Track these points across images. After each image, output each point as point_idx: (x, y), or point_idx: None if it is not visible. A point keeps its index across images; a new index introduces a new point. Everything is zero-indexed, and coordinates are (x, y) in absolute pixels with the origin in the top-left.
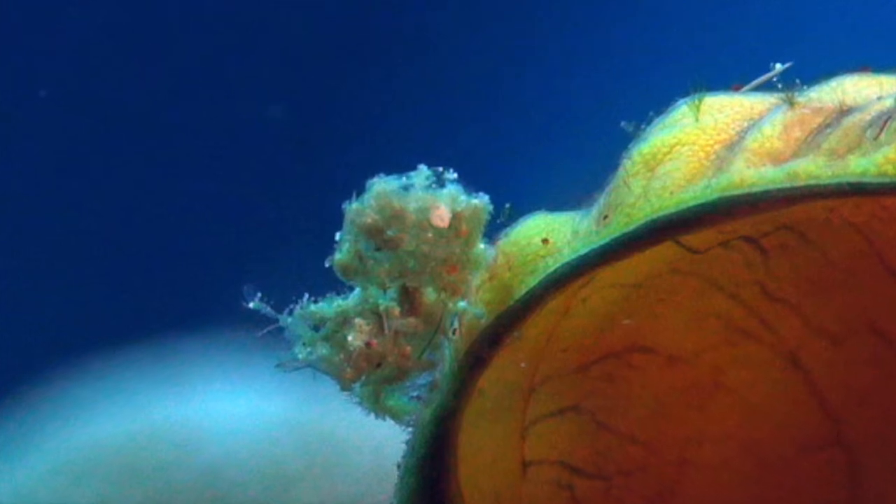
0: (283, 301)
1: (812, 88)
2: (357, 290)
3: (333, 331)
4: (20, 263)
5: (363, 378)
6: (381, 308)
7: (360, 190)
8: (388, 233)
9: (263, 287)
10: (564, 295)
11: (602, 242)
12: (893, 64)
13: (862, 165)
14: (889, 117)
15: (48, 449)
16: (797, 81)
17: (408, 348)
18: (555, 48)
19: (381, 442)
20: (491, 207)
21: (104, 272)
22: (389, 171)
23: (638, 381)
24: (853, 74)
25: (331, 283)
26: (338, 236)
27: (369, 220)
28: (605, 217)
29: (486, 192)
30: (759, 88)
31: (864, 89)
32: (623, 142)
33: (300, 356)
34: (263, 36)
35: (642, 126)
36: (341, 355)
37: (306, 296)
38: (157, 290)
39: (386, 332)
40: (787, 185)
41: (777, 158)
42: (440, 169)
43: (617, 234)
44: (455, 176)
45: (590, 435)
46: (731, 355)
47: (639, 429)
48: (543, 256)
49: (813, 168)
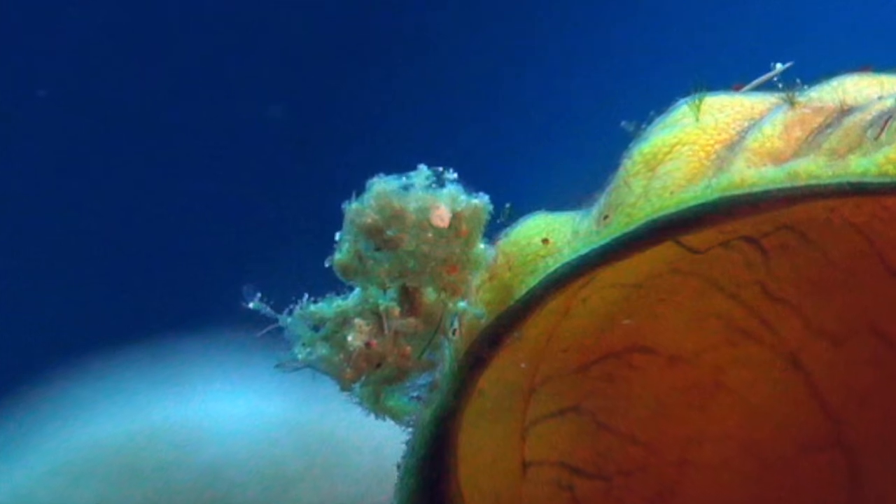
0: (283, 301)
1: (813, 88)
2: (357, 291)
3: (333, 331)
4: (20, 263)
5: (363, 378)
6: (381, 308)
7: (360, 190)
8: (388, 233)
9: (263, 287)
10: (565, 295)
11: (602, 242)
12: (894, 64)
13: (863, 165)
14: (890, 117)
15: (47, 449)
16: (798, 81)
17: (408, 348)
18: (555, 48)
19: (381, 442)
20: (491, 207)
21: (104, 272)
22: (389, 171)
23: (638, 382)
24: (854, 74)
25: (331, 284)
26: (337, 236)
27: (369, 220)
28: (606, 217)
29: (486, 192)
30: (759, 88)
31: (864, 89)
32: (623, 141)
33: (300, 356)
34: (263, 36)
35: (643, 126)
36: (341, 355)
37: (306, 296)
38: (157, 290)
39: (386, 332)
40: (787, 184)
41: (778, 158)
42: (440, 169)
43: (617, 233)
44: (455, 176)
45: (590, 435)
46: (731, 355)
47: (639, 429)
48: (544, 256)
49: (814, 168)
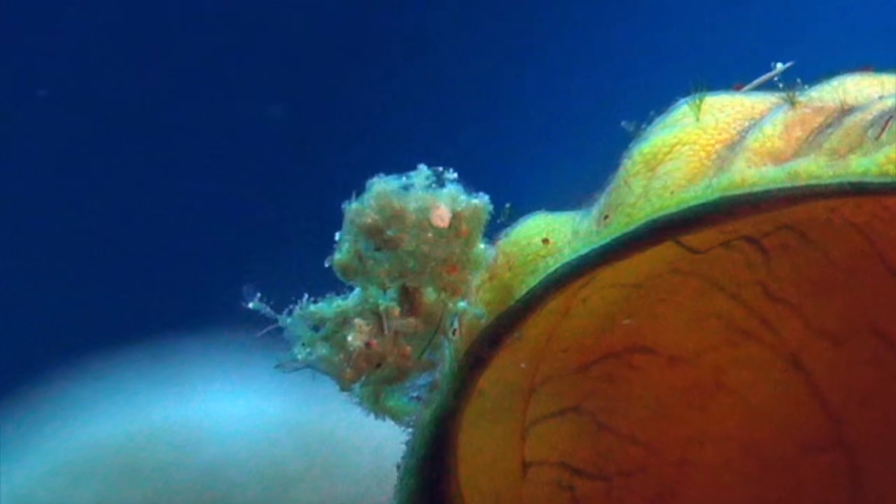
0: (283, 301)
1: (813, 88)
2: (357, 291)
3: (333, 331)
4: (19, 263)
5: (363, 378)
6: (381, 308)
7: (360, 190)
8: (388, 233)
9: (263, 287)
10: (565, 295)
11: (602, 242)
12: (895, 63)
13: (863, 165)
14: (890, 117)
15: (47, 449)
16: (798, 81)
17: (408, 348)
18: (555, 48)
19: (381, 442)
20: (491, 207)
21: (103, 272)
22: (389, 171)
23: (639, 382)
24: (855, 74)
25: (330, 284)
26: (337, 236)
27: (369, 220)
28: (606, 217)
29: (486, 192)
30: (760, 88)
31: (865, 89)
32: (623, 141)
33: (300, 356)
34: (263, 36)
35: (643, 126)
36: (341, 356)
37: (306, 296)
38: (157, 290)
39: (386, 332)
40: (788, 184)
41: (778, 158)
42: (440, 169)
43: (617, 233)
44: (455, 176)
45: (590, 435)
46: (732, 356)
47: (639, 429)
48: (544, 256)
49: (814, 168)
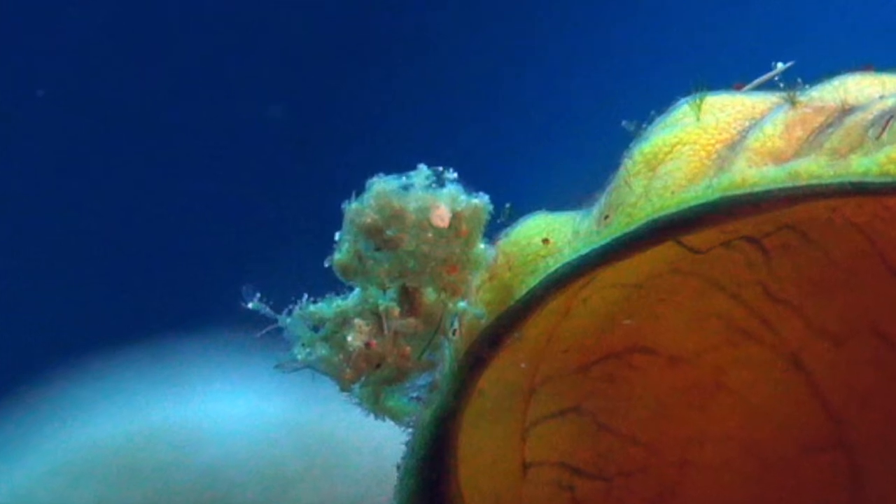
0: (283, 301)
1: (814, 87)
2: (356, 291)
3: (333, 331)
4: (19, 263)
5: (363, 379)
6: (381, 308)
7: (360, 190)
8: (388, 233)
9: (262, 287)
10: (565, 295)
11: (603, 242)
12: None
13: (864, 165)
14: (891, 116)
15: (46, 450)
16: (799, 80)
17: (407, 349)
18: (555, 48)
19: (381, 443)
20: (491, 207)
21: (103, 272)
22: (389, 171)
23: (639, 382)
24: (855, 73)
25: (330, 284)
26: (337, 236)
27: (369, 220)
28: (606, 217)
29: (486, 192)
30: (760, 87)
31: (866, 88)
32: (623, 141)
33: (299, 357)
34: (263, 36)
35: (643, 125)
36: (341, 356)
37: (305, 296)
38: (157, 291)
39: (385, 332)
40: (788, 184)
41: (779, 158)
42: (440, 169)
43: (618, 233)
44: (455, 176)
45: (590, 436)
46: (732, 356)
47: (640, 430)
48: (544, 256)
49: (815, 167)
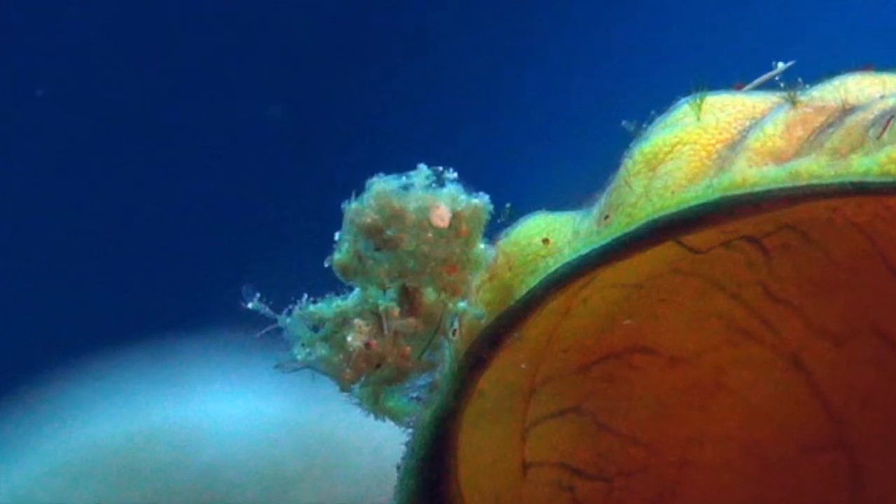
0: (282, 301)
1: (814, 87)
2: (356, 291)
3: (332, 331)
4: (18, 263)
5: (362, 379)
6: (381, 308)
7: (360, 190)
8: (388, 232)
9: (262, 287)
10: (565, 295)
11: (603, 242)
12: None
13: (865, 165)
14: (892, 116)
15: (46, 450)
16: (799, 80)
17: (407, 349)
18: (555, 48)
19: (381, 443)
20: (491, 207)
21: (102, 272)
22: (389, 171)
23: (639, 382)
24: (856, 73)
25: (330, 284)
26: (337, 236)
27: (369, 220)
28: (607, 217)
29: (486, 191)
30: (761, 87)
31: (866, 88)
32: (623, 141)
33: (299, 357)
34: (263, 36)
35: (643, 125)
36: (340, 356)
37: (305, 296)
38: (156, 291)
39: (385, 332)
40: (789, 184)
41: (779, 158)
42: (440, 168)
43: (618, 233)
44: (455, 175)
45: (591, 436)
46: (732, 356)
47: (640, 430)
48: (544, 256)
49: (815, 167)
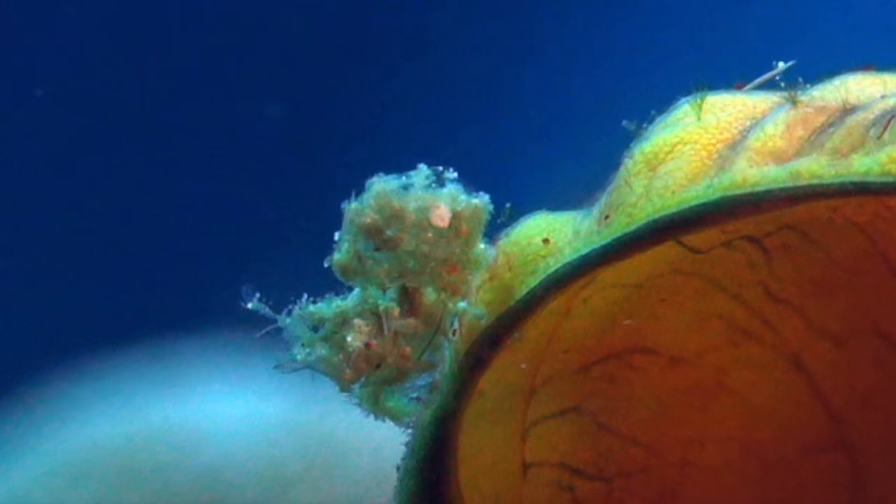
0: (282, 301)
1: (815, 87)
2: (356, 291)
3: (332, 331)
4: (17, 263)
5: (362, 379)
6: (381, 308)
7: (360, 189)
8: (388, 232)
9: (262, 287)
10: (565, 295)
11: (603, 242)
12: None
13: (865, 165)
14: (893, 116)
15: (45, 450)
16: (800, 80)
17: (407, 349)
18: (555, 48)
19: (381, 443)
20: (491, 207)
21: (101, 272)
22: (389, 171)
23: (639, 382)
24: (857, 73)
25: (330, 284)
26: (337, 236)
27: (368, 220)
28: (607, 217)
29: (486, 191)
30: (761, 87)
31: (867, 88)
32: (624, 141)
33: (299, 357)
34: (263, 36)
35: (644, 125)
36: (340, 356)
37: (305, 296)
38: (155, 291)
39: (385, 332)
40: (790, 184)
41: (780, 158)
42: (440, 168)
43: (618, 233)
44: (455, 175)
45: (591, 436)
46: (733, 356)
47: (640, 430)
48: (544, 256)
49: (816, 167)
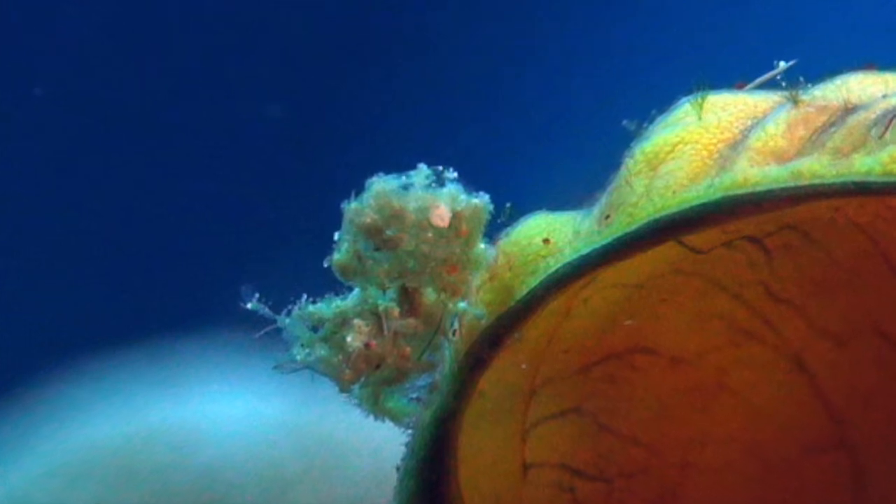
0: (282, 302)
1: (816, 86)
2: (356, 291)
3: (332, 332)
4: (16, 263)
5: (362, 379)
6: (381, 309)
7: (360, 189)
8: (388, 232)
9: (261, 287)
10: (566, 295)
11: (604, 242)
12: None
13: (867, 164)
14: (894, 115)
15: (43, 451)
16: (801, 79)
17: (407, 349)
18: (555, 48)
19: (381, 444)
20: (491, 207)
21: (100, 273)
22: (389, 171)
23: (640, 383)
24: (858, 72)
25: (329, 284)
26: (336, 236)
27: (368, 220)
28: (607, 216)
29: (487, 191)
30: (763, 86)
31: (869, 87)
32: (624, 141)
33: (298, 357)
34: (262, 35)
35: (644, 124)
36: (340, 356)
37: (305, 296)
38: (154, 291)
39: (385, 333)
40: (791, 184)
41: (781, 157)
42: (440, 168)
43: (619, 233)
44: (455, 175)
45: (591, 437)
46: (734, 356)
47: (641, 431)
48: (544, 256)
49: (817, 167)
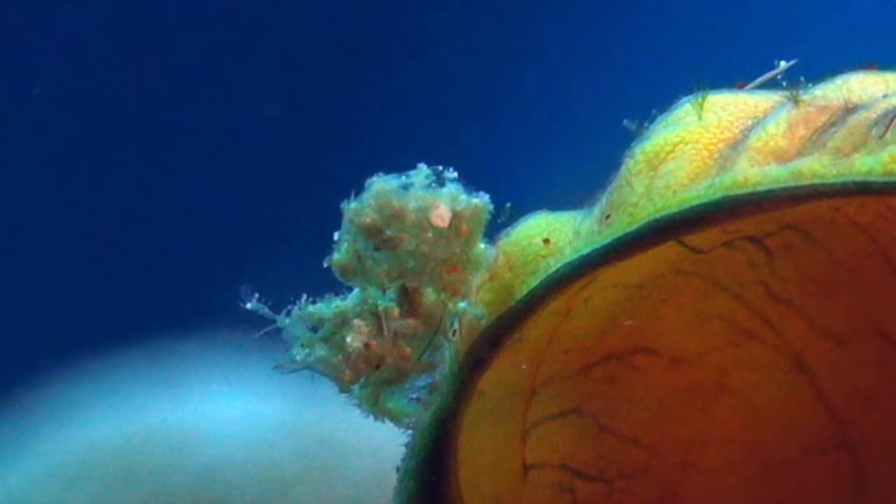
0: (281, 302)
1: (817, 86)
2: (356, 291)
3: (332, 332)
4: (15, 263)
5: (362, 380)
6: (381, 309)
7: (360, 189)
8: (388, 232)
9: (261, 288)
10: (566, 295)
11: (604, 242)
12: None
13: (867, 164)
14: (895, 115)
15: (43, 451)
16: (802, 79)
17: (407, 350)
18: (555, 48)
19: (380, 444)
20: (491, 207)
21: (100, 273)
22: (389, 171)
23: (640, 383)
24: (859, 72)
25: (329, 284)
26: (336, 236)
27: (368, 220)
28: (608, 216)
29: (487, 191)
30: (763, 86)
31: (869, 87)
32: (624, 141)
33: (298, 358)
34: (262, 35)
35: (645, 124)
36: (340, 357)
37: (304, 296)
38: (154, 291)
39: (385, 333)
40: (791, 184)
41: (782, 157)
42: (440, 168)
43: (619, 233)
44: (455, 175)
45: (591, 437)
46: (734, 357)
47: (641, 431)
48: (545, 256)
49: (818, 167)
